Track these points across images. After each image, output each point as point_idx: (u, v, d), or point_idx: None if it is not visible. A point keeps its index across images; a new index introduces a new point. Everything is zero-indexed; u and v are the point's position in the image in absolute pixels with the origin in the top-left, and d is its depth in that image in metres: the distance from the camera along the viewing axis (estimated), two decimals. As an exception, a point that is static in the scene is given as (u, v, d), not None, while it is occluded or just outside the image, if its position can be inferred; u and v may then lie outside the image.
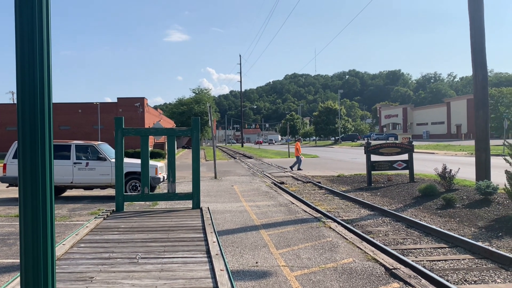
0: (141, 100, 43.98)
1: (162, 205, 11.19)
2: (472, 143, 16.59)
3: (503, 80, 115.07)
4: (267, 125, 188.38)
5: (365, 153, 16.13)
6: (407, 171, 16.08)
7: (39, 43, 1.91)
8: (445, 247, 7.63)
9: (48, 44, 1.95)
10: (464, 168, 16.08)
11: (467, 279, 6.00)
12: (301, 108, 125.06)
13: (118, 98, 44.47)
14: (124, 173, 7.22)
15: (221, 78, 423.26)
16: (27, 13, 1.88)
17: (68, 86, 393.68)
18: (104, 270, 3.68)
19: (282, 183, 17.85)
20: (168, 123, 62.30)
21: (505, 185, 9.49)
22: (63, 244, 4.50)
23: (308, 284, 5.40)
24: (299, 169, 23.69)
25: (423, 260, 6.92)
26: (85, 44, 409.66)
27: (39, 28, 1.91)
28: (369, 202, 12.18)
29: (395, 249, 7.44)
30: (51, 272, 1.94)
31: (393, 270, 5.77)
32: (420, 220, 9.69)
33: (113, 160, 12.40)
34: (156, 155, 36.10)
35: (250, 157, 40.59)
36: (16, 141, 1.94)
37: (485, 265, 6.62)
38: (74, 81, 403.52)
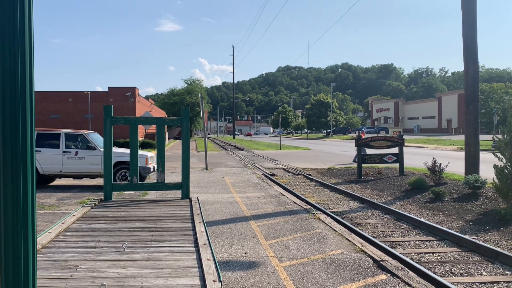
0: (132, 89, 43.50)
1: (152, 195, 11.13)
2: (462, 137, 16.71)
3: (494, 76, 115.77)
4: (259, 117, 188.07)
5: (356, 146, 16.18)
6: (397, 165, 16.16)
7: (21, 29, 1.85)
8: (433, 240, 7.70)
9: (30, 29, 1.89)
10: (453, 162, 16.19)
11: (454, 272, 6.05)
12: (293, 101, 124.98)
13: (109, 88, 43.94)
14: (114, 162, 7.15)
15: (214, 69, 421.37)
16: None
17: (58, 74, 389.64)
18: (90, 258, 3.64)
19: (273, 175, 17.85)
20: (160, 114, 61.87)
21: (493, 179, 9.57)
22: (49, 233, 4.43)
23: (296, 275, 5.41)
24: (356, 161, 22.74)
25: (411, 253, 6.97)
26: (76, 32, 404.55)
27: (20, 15, 1.85)
28: (358, 195, 12.23)
29: (384, 241, 7.49)
30: (32, 260, 1.90)
31: (381, 262, 5.79)
32: (409, 213, 9.76)
33: (103, 149, 12.29)
34: (147, 146, 35.85)
35: (241, 149, 40.54)
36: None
37: (472, 258, 6.68)
38: (64, 69, 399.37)
